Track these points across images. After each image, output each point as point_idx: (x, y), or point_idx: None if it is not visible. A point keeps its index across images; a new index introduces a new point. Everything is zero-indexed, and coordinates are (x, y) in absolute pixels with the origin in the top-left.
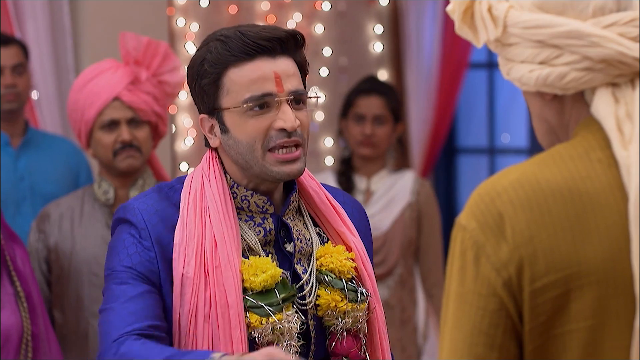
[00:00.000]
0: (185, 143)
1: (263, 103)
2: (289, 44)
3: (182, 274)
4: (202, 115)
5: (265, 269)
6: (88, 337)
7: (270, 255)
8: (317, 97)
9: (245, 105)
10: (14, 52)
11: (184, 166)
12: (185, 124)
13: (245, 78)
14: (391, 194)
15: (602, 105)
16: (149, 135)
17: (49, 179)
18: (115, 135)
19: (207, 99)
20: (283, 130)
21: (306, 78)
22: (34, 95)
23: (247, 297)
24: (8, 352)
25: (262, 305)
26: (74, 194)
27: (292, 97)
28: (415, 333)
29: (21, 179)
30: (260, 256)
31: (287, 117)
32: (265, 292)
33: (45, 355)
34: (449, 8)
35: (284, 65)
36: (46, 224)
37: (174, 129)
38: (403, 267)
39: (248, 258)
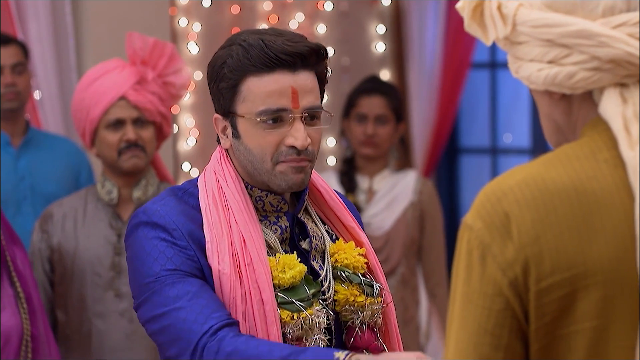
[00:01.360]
0: (188, 143)
1: (277, 117)
2: (311, 59)
3: (219, 270)
4: (217, 115)
5: (292, 266)
6: (91, 336)
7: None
8: (331, 114)
9: (259, 118)
10: (14, 51)
11: (186, 166)
12: (187, 124)
13: (263, 89)
14: (393, 194)
15: (610, 106)
16: (154, 135)
17: (50, 179)
18: (120, 134)
19: (223, 102)
20: (293, 147)
21: (325, 86)
22: (37, 95)
23: (277, 293)
24: (8, 353)
25: (293, 301)
26: (76, 194)
27: (307, 114)
28: (418, 332)
29: (22, 179)
30: (277, 255)
31: (299, 134)
32: (291, 289)
33: (44, 356)
34: (459, 5)
35: (303, 80)
36: (49, 224)
37: (176, 129)
38: (405, 267)
39: (272, 256)
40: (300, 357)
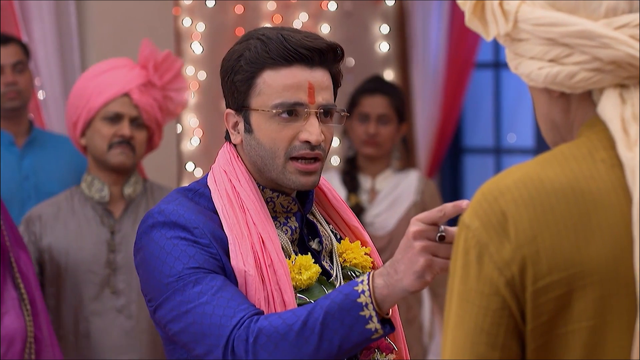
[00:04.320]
0: (192, 143)
1: (292, 111)
2: (328, 56)
3: (245, 270)
4: (229, 110)
5: (308, 267)
6: (89, 335)
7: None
8: (346, 113)
9: (274, 110)
10: (14, 50)
11: (190, 166)
12: (191, 124)
13: (280, 83)
14: (396, 194)
15: (609, 106)
16: (145, 140)
17: (54, 179)
18: (115, 129)
19: (237, 95)
20: (307, 142)
21: (337, 90)
22: (40, 95)
23: (296, 294)
24: (12, 355)
25: (312, 302)
26: (62, 195)
27: (322, 110)
28: (421, 332)
29: (26, 179)
30: (291, 256)
31: (313, 129)
32: (306, 290)
33: (48, 357)
34: (460, 0)
35: (319, 76)
36: (37, 225)
37: (179, 129)
38: None
39: (286, 258)
40: (325, 301)
